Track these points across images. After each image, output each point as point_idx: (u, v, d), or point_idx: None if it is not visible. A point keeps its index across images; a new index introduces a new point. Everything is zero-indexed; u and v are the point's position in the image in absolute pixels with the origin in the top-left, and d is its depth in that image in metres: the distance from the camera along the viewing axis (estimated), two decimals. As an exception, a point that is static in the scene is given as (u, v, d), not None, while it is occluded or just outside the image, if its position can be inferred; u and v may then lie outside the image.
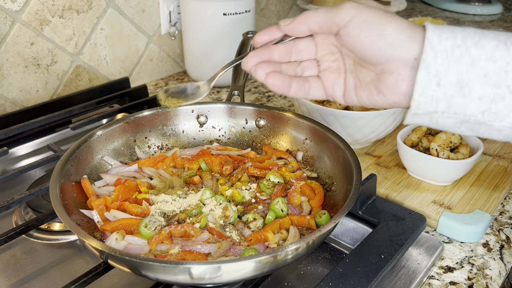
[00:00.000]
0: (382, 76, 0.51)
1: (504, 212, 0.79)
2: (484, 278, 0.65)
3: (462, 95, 0.47)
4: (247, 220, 0.63)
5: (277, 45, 0.58)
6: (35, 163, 0.82)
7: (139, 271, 0.51)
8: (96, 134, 0.73)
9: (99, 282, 0.63)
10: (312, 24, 0.54)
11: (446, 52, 0.46)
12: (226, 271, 0.49)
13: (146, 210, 0.65)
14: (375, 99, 0.54)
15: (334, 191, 0.69)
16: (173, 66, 1.40)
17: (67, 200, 0.61)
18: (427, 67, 0.47)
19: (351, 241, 0.72)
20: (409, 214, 0.70)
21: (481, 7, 2.16)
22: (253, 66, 0.58)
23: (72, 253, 0.70)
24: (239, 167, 0.76)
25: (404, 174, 0.85)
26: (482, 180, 0.83)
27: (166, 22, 1.31)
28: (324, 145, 0.74)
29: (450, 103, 0.48)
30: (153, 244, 0.58)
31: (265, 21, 1.70)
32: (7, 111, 1.04)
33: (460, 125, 0.49)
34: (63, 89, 1.14)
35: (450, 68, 0.46)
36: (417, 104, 0.49)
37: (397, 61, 0.49)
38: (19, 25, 1.00)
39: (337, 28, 0.53)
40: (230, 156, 0.78)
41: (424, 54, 0.47)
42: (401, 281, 0.63)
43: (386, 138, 0.97)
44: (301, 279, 0.65)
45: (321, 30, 0.55)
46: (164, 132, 0.82)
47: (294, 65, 0.60)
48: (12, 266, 0.67)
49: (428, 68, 0.47)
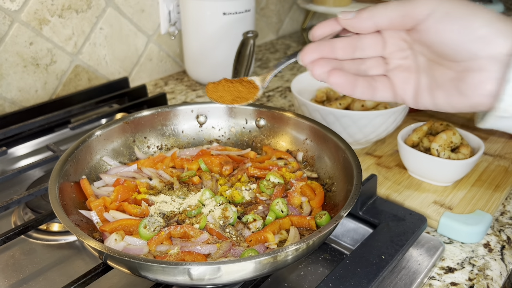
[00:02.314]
0: (465, 75, 0.46)
1: (505, 213, 0.78)
2: (485, 279, 0.65)
3: None
4: (247, 221, 0.63)
5: (340, 39, 0.52)
6: (34, 163, 0.82)
7: (138, 272, 0.51)
8: (95, 134, 0.73)
9: (98, 283, 0.62)
10: (383, 19, 0.48)
11: None
12: (225, 272, 0.49)
13: (145, 210, 0.64)
14: (454, 100, 0.48)
15: (335, 192, 0.69)
16: (173, 65, 1.40)
17: (66, 200, 0.61)
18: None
19: (352, 242, 0.72)
20: (410, 214, 0.70)
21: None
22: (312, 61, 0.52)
23: (71, 253, 0.70)
24: (239, 167, 0.76)
25: (404, 174, 0.85)
26: (483, 180, 0.83)
27: (166, 22, 1.31)
28: (324, 145, 0.74)
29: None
30: (152, 245, 0.58)
31: (265, 21, 1.69)
32: (6, 111, 1.04)
33: None
34: (62, 89, 1.14)
35: None
36: (505, 106, 0.44)
37: (485, 57, 0.44)
38: (18, 25, 1.00)
39: (414, 23, 0.47)
40: (230, 156, 0.78)
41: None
42: (402, 281, 0.62)
43: (387, 138, 0.97)
44: (301, 280, 0.65)
45: (391, 26, 0.49)
46: (164, 132, 0.81)
47: (357, 63, 0.54)
48: (11, 267, 0.67)
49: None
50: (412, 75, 0.52)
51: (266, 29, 1.72)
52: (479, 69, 0.45)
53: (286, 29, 1.83)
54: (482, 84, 0.45)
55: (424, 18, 0.46)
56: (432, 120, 0.87)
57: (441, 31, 0.46)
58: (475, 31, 0.44)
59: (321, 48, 0.52)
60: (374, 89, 0.53)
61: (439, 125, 0.85)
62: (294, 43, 1.72)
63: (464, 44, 0.45)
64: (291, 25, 1.84)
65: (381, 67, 0.54)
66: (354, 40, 0.52)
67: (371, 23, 0.49)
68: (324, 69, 0.52)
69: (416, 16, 0.47)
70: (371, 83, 0.53)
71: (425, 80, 0.51)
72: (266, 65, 1.49)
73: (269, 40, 1.75)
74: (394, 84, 0.53)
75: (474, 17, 0.44)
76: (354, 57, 0.53)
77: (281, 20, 1.78)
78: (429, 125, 0.86)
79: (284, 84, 1.34)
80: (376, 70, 0.54)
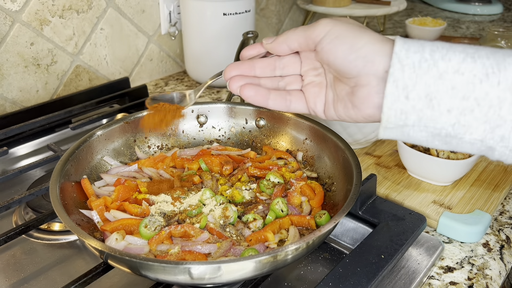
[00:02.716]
0: (356, 89, 0.52)
1: (504, 212, 0.79)
2: (484, 278, 0.65)
3: (431, 107, 0.47)
4: (247, 220, 0.63)
5: (259, 59, 0.60)
6: (35, 163, 0.82)
7: (139, 271, 0.51)
8: (96, 134, 0.73)
9: (99, 282, 0.63)
10: (292, 42, 0.56)
11: (413, 65, 0.47)
12: (226, 271, 0.49)
13: (146, 210, 0.65)
14: (350, 113, 0.54)
15: (334, 191, 0.69)
16: (173, 66, 1.40)
17: (67, 200, 0.61)
18: (395, 80, 0.47)
19: (351, 241, 0.72)
20: (409, 214, 0.70)
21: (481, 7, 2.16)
22: (231, 77, 0.60)
23: (72, 253, 0.70)
24: (239, 167, 0.76)
25: (404, 174, 0.85)
26: (482, 180, 0.83)
27: (166, 22, 1.31)
28: (324, 145, 0.74)
29: (420, 116, 0.48)
30: (153, 244, 0.58)
31: (265, 21, 1.70)
32: (7, 111, 1.04)
33: (433, 139, 0.49)
34: (63, 89, 1.14)
35: (418, 81, 0.46)
36: (387, 117, 0.49)
37: (369, 74, 0.50)
38: (19, 25, 1.00)
39: (314, 44, 0.54)
40: (230, 156, 0.78)
41: (391, 68, 0.47)
42: (401, 281, 0.63)
43: (386, 138, 0.97)
44: (301, 279, 0.65)
45: (300, 48, 0.57)
46: (164, 132, 0.82)
47: (276, 79, 0.61)
48: (12, 266, 0.67)
49: (396, 82, 0.47)
50: (322, 90, 0.58)
51: (266, 30, 1.72)
52: (365, 84, 0.51)
53: (286, 29, 1.83)
54: (370, 97, 0.51)
55: (320, 40, 0.53)
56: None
57: (332, 51, 0.52)
58: (359, 50, 0.50)
59: (241, 66, 0.60)
60: (288, 101, 0.60)
61: (439, 125, 0.85)
62: (294, 44, 1.72)
63: (350, 63, 0.51)
64: (291, 26, 1.85)
65: (298, 83, 0.61)
66: (274, 61, 0.60)
67: (285, 46, 0.57)
68: (239, 84, 0.59)
69: (314, 38, 0.54)
70: (284, 96, 0.60)
71: (330, 95, 0.57)
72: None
73: (269, 41, 1.76)
74: (306, 97, 0.60)
75: (359, 39, 0.51)
76: (275, 75, 0.61)
77: (281, 20, 1.78)
78: (429, 125, 0.86)
79: (284, 84, 1.34)
80: (293, 86, 0.61)
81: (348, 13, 1.58)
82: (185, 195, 0.68)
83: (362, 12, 1.58)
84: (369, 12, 1.57)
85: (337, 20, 0.53)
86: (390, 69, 0.47)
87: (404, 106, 0.48)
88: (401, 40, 0.48)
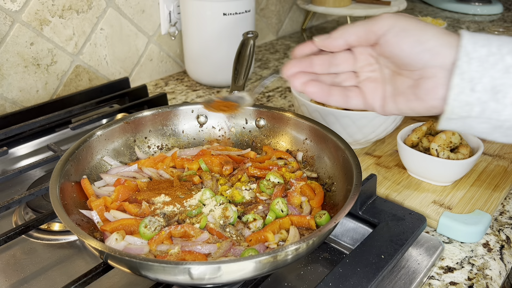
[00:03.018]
0: (420, 82, 0.53)
1: (504, 212, 0.78)
2: (484, 278, 0.65)
3: (496, 100, 0.48)
4: (247, 221, 0.63)
5: (317, 56, 0.60)
6: (35, 163, 0.82)
7: (139, 271, 0.51)
8: (96, 134, 0.73)
9: (99, 282, 0.63)
10: (350, 35, 0.56)
11: (480, 59, 0.48)
12: (226, 272, 0.49)
13: (146, 210, 0.64)
14: (413, 105, 0.55)
15: (334, 191, 0.69)
16: (173, 66, 1.40)
17: (67, 200, 0.61)
18: (461, 73, 0.48)
19: (351, 241, 0.72)
20: (409, 214, 0.70)
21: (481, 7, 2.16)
22: (292, 74, 0.60)
23: (72, 253, 0.70)
24: (239, 167, 0.76)
25: (404, 174, 0.85)
26: (482, 180, 0.83)
27: (166, 22, 1.31)
28: (324, 145, 0.74)
29: (483, 108, 0.49)
30: (153, 245, 0.58)
31: (265, 21, 1.70)
32: (7, 111, 1.04)
33: (494, 131, 0.50)
34: (63, 89, 1.14)
35: (485, 75, 0.48)
36: (451, 109, 0.50)
37: (435, 66, 0.51)
38: (19, 25, 1.00)
39: (376, 37, 0.55)
40: (230, 156, 0.78)
41: (459, 61, 0.49)
42: (401, 281, 0.63)
43: (386, 138, 0.97)
44: (301, 279, 0.65)
45: (358, 42, 0.57)
46: (164, 132, 0.82)
47: (332, 76, 0.61)
48: (12, 266, 0.67)
49: (463, 74, 0.48)
50: (379, 85, 0.59)
51: (266, 30, 1.72)
52: (431, 76, 0.52)
53: (286, 29, 1.83)
54: (435, 89, 0.52)
55: (383, 33, 0.54)
56: (431, 120, 0.87)
57: (398, 44, 0.53)
58: (426, 43, 0.51)
59: (301, 63, 0.60)
60: (348, 97, 0.60)
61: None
62: (294, 44, 1.72)
63: (416, 55, 0.52)
64: (291, 26, 1.85)
65: (353, 79, 0.61)
66: (329, 58, 0.60)
67: (342, 41, 0.57)
68: (302, 80, 0.59)
69: (377, 31, 0.54)
70: (344, 92, 0.60)
71: (389, 89, 0.58)
72: (266, 65, 1.49)
73: (269, 41, 1.76)
74: (364, 93, 0.60)
75: (425, 32, 0.52)
76: (330, 72, 0.61)
77: (281, 20, 1.78)
78: (429, 125, 0.86)
79: (284, 84, 1.34)
80: (348, 82, 0.61)
81: (348, 13, 1.58)
82: (185, 195, 0.68)
83: (362, 12, 1.58)
84: (369, 12, 1.57)
85: (399, 15, 0.54)
86: (458, 61, 0.48)
87: (469, 98, 0.49)
88: (467, 34, 0.49)
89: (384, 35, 0.54)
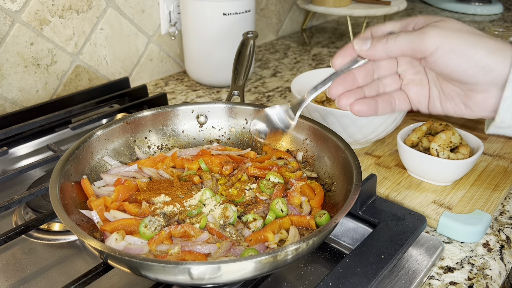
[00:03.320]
0: (471, 94, 0.54)
1: (504, 212, 0.78)
2: (484, 278, 0.65)
3: None
4: (247, 220, 0.63)
5: (358, 69, 0.59)
6: (35, 163, 0.82)
7: (139, 271, 0.51)
8: (95, 134, 0.73)
9: (99, 282, 0.63)
10: (395, 51, 0.55)
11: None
12: (226, 271, 0.49)
13: (146, 210, 0.64)
14: (462, 112, 0.56)
15: (334, 191, 0.69)
16: (173, 66, 1.40)
17: (67, 200, 0.61)
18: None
19: (351, 241, 0.72)
20: (409, 214, 0.70)
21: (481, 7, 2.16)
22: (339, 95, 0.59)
23: (72, 253, 0.70)
24: (239, 167, 0.76)
25: (404, 174, 0.85)
26: (482, 180, 0.83)
27: (166, 22, 1.31)
28: (324, 145, 0.74)
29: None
30: (153, 245, 0.58)
31: (265, 21, 1.70)
32: (7, 111, 1.04)
33: None
34: (63, 89, 1.14)
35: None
36: (501, 119, 0.52)
37: (487, 82, 0.51)
38: (18, 25, 1.00)
39: (423, 56, 0.54)
40: (230, 156, 0.78)
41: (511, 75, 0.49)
42: (401, 281, 0.63)
43: (386, 138, 0.97)
44: (301, 279, 0.65)
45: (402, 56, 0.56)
46: (164, 132, 0.82)
47: (376, 84, 0.61)
48: (12, 266, 0.67)
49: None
50: (424, 87, 0.59)
51: (266, 30, 1.72)
52: (482, 91, 0.53)
53: (286, 29, 1.83)
54: (485, 102, 0.53)
55: (431, 53, 0.52)
56: (431, 120, 0.87)
57: (447, 64, 0.52)
58: (478, 62, 0.50)
59: (345, 82, 0.59)
60: (393, 104, 0.60)
61: (438, 125, 0.85)
62: (294, 44, 1.72)
63: (468, 73, 0.51)
64: (291, 26, 1.85)
65: (396, 83, 0.61)
66: (371, 65, 0.60)
67: (384, 54, 0.55)
68: (349, 102, 0.59)
69: (424, 51, 0.53)
70: (389, 100, 0.60)
71: (435, 92, 0.58)
72: (266, 65, 1.49)
73: (269, 41, 1.76)
74: (409, 96, 0.60)
75: (476, 50, 0.50)
76: (374, 78, 0.61)
77: (281, 20, 1.78)
78: (429, 125, 0.86)
79: (284, 84, 1.34)
80: (392, 86, 0.61)
81: (348, 13, 1.58)
82: (185, 195, 0.68)
83: (362, 12, 1.57)
84: (369, 12, 1.57)
85: (447, 30, 0.52)
86: (510, 75, 0.49)
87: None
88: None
89: (432, 55, 0.52)
